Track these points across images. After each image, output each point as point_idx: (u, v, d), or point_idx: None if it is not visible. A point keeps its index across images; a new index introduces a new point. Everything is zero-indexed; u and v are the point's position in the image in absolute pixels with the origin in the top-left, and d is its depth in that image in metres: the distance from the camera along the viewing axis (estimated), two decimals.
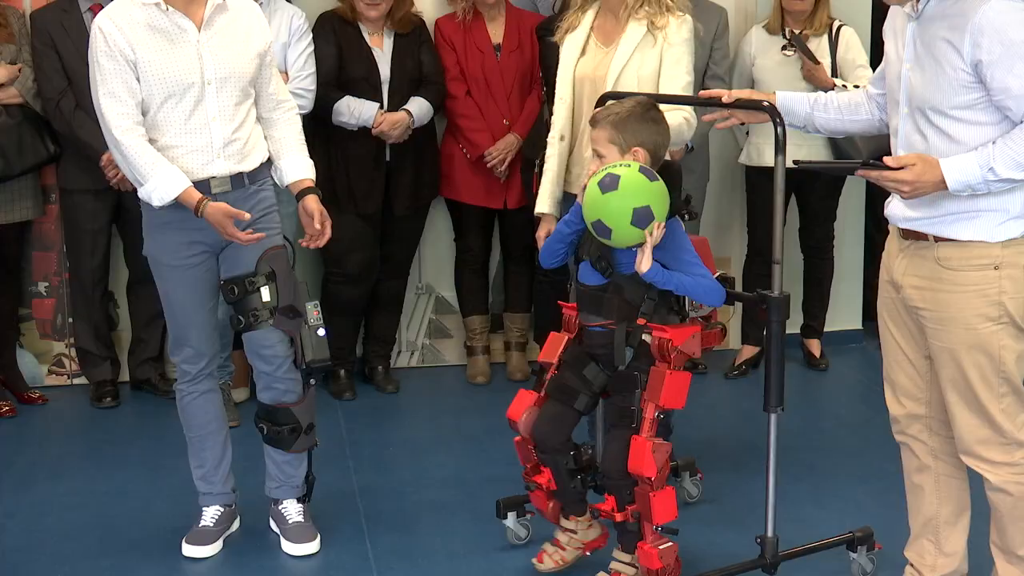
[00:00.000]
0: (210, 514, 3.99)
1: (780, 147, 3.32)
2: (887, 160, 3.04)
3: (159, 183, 3.61)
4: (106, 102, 3.62)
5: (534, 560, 3.66)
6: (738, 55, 5.62)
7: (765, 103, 3.42)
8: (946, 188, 3.01)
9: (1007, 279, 3.09)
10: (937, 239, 3.14)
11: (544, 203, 4.16)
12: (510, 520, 3.92)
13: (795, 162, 3.31)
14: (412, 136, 5.29)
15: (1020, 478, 3.20)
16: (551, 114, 4.20)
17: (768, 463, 3.50)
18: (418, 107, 5.28)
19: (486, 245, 5.76)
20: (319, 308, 3.89)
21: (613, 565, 3.59)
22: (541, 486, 3.66)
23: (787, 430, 5.06)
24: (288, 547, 3.95)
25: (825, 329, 5.96)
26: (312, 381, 3.93)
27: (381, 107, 5.23)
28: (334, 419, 5.25)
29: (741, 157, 5.69)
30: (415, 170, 5.41)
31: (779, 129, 3.33)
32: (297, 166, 3.88)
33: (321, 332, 3.87)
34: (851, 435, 4.87)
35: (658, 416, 3.45)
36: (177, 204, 3.65)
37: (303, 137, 3.95)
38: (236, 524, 4.08)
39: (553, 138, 4.19)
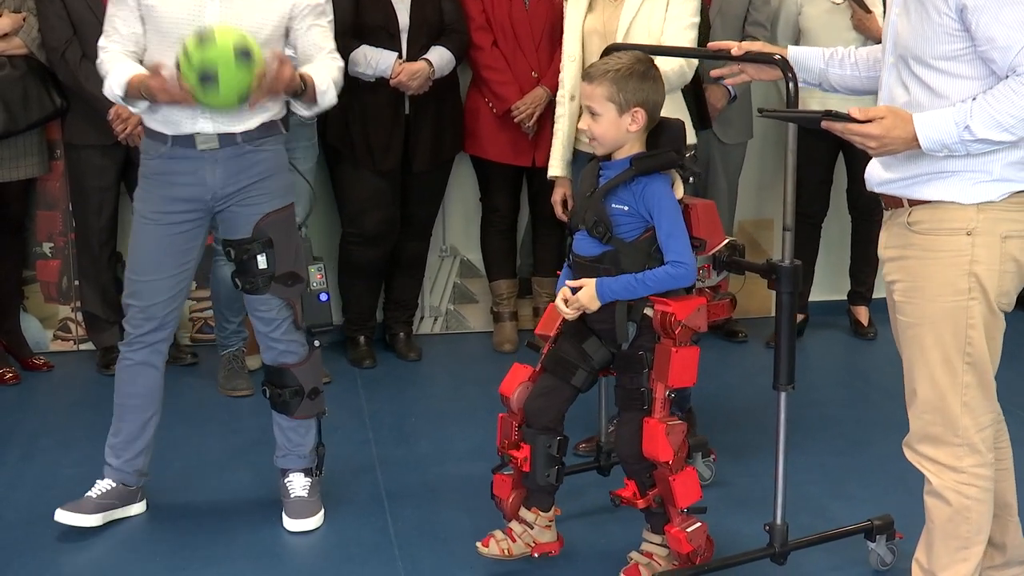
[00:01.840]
0: (99, 486, 3.98)
1: (791, 104, 3.25)
2: (852, 111, 2.89)
3: (115, 75, 3.66)
4: (100, 40, 3.73)
5: (478, 543, 3.64)
6: (783, 2, 5.56)
7: (776, 56, 3.32)
8: (919, 146, 2.87)
9: (981, 247, 2.93)
10: (911, 203, 3.00)
11: (557, 166, 4.26)
12: None
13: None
14: (433, 88, 5.27)
15: (964, 488, 3.04)
16: None
17: (777, 446, 3.44)
18: (439, 57, 5.26)
19: (514, 205, 5.74)
20: (324, 272, 3.90)
21: (644, 547, 3.58)
22: (515, 460, 3.60)
23: (832, 402, 5.10)
24: (286, 522, 3.95)
25: (874, 296, 5.93)
26: (316, 343, 3.94)
27: (400, 57, 5.20)
28: (353, 388, 5.26)
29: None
30: (436, 124, 5.39)
31: (790, 85, 3.24)
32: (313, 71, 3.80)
33: (324, 297, 3.89)
34: (900, 408, 4.81)
35: (669, 395, 3.42)
36: (166, 157, 3.70)
37: (333, 76, 3.86)
38: (136, 509, 4.04)
39: (563, 97, 4.27)
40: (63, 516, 3.90)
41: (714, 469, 4.24)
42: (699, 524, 3.48)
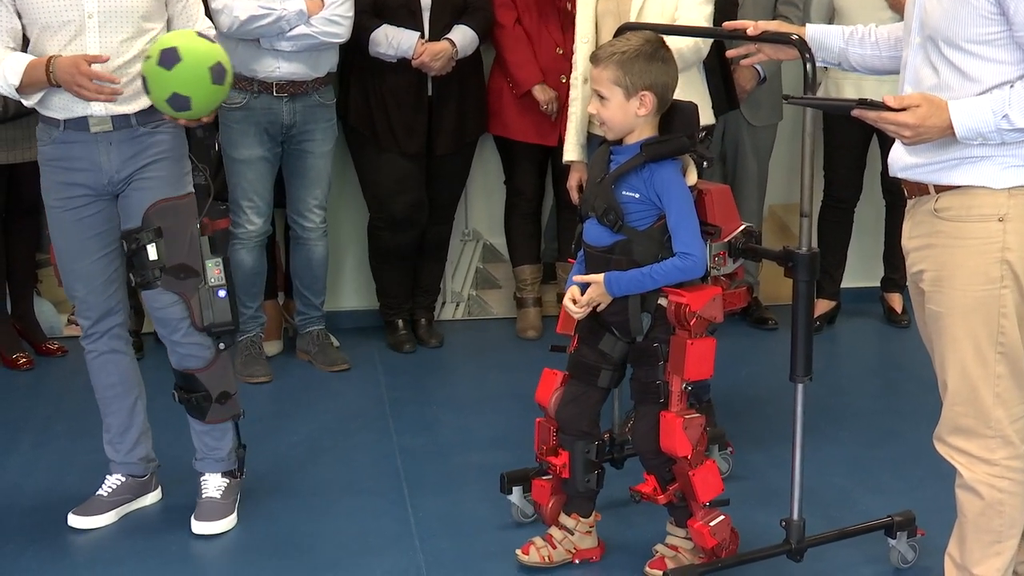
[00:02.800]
0: (109, 483, 3.99)
1: (808, 86, 3.23)
2: (887, 100, 2.85)
3: (7, 65, 3.56)
4: None
5: (518, 551, 3.64)
6: None
7: (794, 36, 3.29)
8: (953, 134, 2.85)
9: (1012, 233, 2.89)
10: (938, 189, 2.97)
11: (572, 151, 4.25)
12: (515, 496, 3.88)
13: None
14: (456, 69, 5.26)
15: (996, 480, 3.02)
16: None
17: (794, 439, 3.43)
18: (462, 36, 5.25)
19: (539, 188, 5.73)
20: (222, 267, 3.82)
21: (669, 540, 3.59)
22: (554, 467, 3.61)
23: (865, 392, 5.09)
24: (193, 524, 3.88)
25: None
26: (221, 346, 3.86)
27: (422, 36, 5.20)
28: (373, 375, 5.27)
29: (818, 92, 5.60)
30: (459, 105, 5.38)
31: (808, 66, 3.22)
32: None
33: (222, 293, 3.80)
34: (934, 398, 4.82)
35: (685, 388, 3.42)
36: (59, 142, 3.66)
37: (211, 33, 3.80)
38: (151, 499, 4.06)
39: (576, 80, 4.25)
40: (76, 521, 3.91)
41: (731, 462, 4.23)
42: (722, 517, 3.49)
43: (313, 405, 4.94)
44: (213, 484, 3.97)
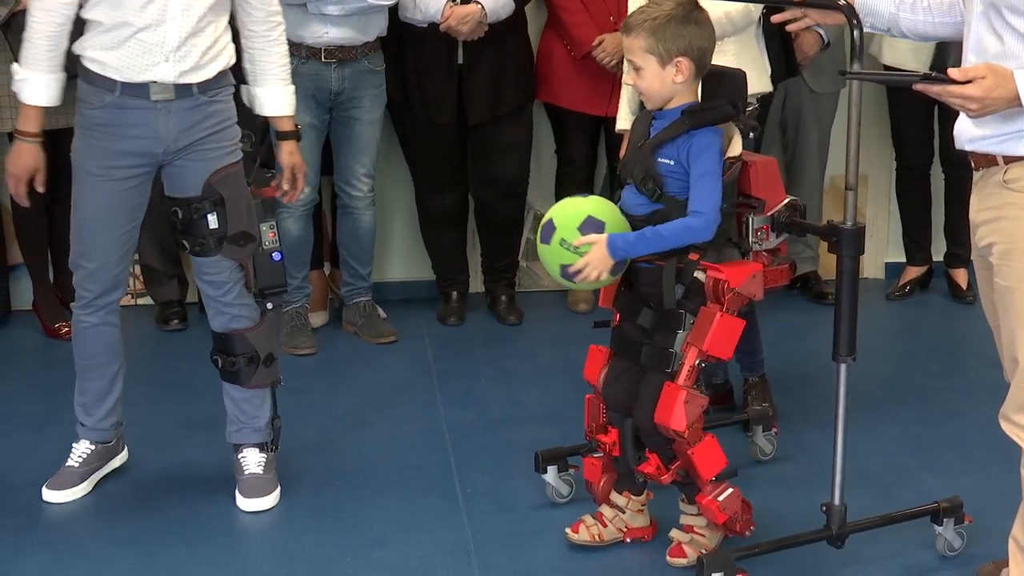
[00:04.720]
0: (78, 452, 4.01)
1: (857, 54, 3.19)
2: (952, 73, 2.83)
3: (37, 81, 3.61)
4: None
5: (568, 529, 3.66)
6: None
7: (841, 1, 3.24)
8: (1020, 105, 2.83)
9: None
10: (1007, 160, 2.96)
11: (625, 119, 4.23)
12: (550, 475, 3.89)
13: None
14: (490, 33, 5.18)
15: None
16: None
17: (836, 422, 3.39)
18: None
19: (591, 157, 5.70)
20: (276, 230, 3.89)
21: (683, 520, 3.60)
22: (604, 445, 3.62)
23: (928, 371, 5.07)
24: (240, 501, 3.92)
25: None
26: (269, 306, 3.91)
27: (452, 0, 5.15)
28: (420, 347, 5.30)
29: (884, 55, 5.51)
30: (493, 72, 5.30)
31: (856, 32, 3.18)
32: (275, 99, 3.85)
33: (277, 256, 3.87)
34: (999, 376, 4.82)
35: (699, 364, 3.38)
36: (112, 107, 3.64)
37: (288, 63, 3.87)
38: (117, 461, 4.10)
39: None
40: (51, 495, 3.94)
41: (776, 443, 4.20)
42: (731, 490, 3.46)
43: (359, 378, 4.97)
44: (254, 460, 3.99)
